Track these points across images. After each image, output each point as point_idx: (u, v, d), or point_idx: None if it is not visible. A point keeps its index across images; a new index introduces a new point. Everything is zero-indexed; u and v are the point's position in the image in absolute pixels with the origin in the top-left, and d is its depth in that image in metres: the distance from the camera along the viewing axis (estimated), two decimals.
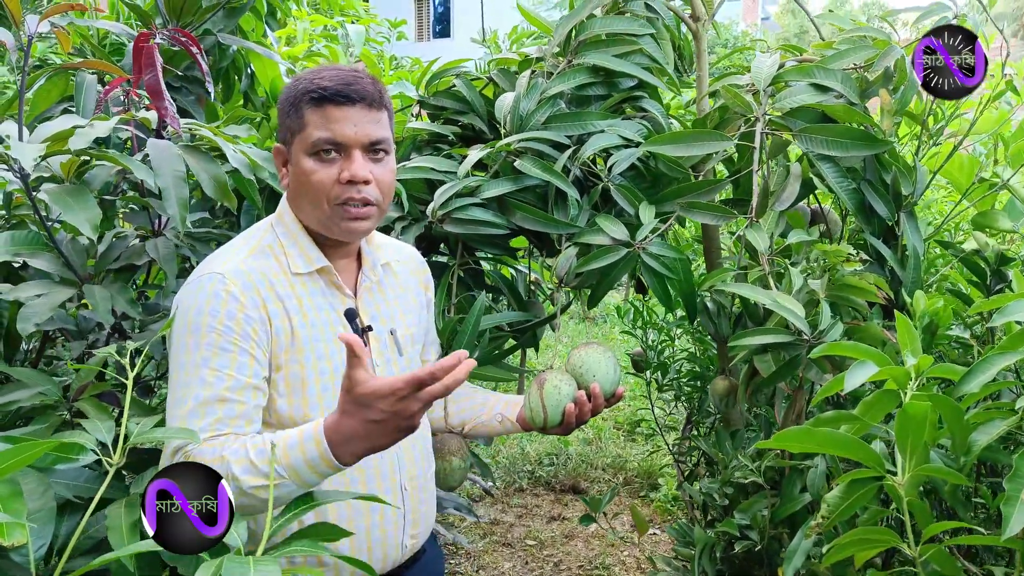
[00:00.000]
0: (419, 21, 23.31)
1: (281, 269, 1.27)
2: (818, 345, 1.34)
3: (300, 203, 1.29)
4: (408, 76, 3.10)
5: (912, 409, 0.97)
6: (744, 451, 1.60)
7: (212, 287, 1.20)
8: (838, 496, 1.10)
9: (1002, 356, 1.10)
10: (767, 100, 1.61)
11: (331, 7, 4.28)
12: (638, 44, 1.79)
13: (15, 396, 1.40)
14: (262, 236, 1.31)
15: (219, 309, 1.19)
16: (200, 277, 1.23)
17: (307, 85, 1.24)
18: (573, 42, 1.83)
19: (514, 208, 1.66)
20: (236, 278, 1.21)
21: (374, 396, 1.01)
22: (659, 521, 3.72)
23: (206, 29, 1.82)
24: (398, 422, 1.03)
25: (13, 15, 1.21)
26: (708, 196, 1.64)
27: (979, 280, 1.83)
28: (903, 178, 1.64)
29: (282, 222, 1.31)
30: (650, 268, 1.58)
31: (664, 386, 2.57)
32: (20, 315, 1.35)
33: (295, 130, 1.25)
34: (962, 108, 1.98)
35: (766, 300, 1.38)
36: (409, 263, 1.49)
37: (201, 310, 1.19)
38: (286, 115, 1.27)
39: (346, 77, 1.24)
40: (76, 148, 1.22)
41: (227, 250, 1.29)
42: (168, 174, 1.32)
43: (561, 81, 1.75)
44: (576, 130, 1.72)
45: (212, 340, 1.18)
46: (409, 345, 1.41)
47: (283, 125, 1.28)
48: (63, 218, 1.28)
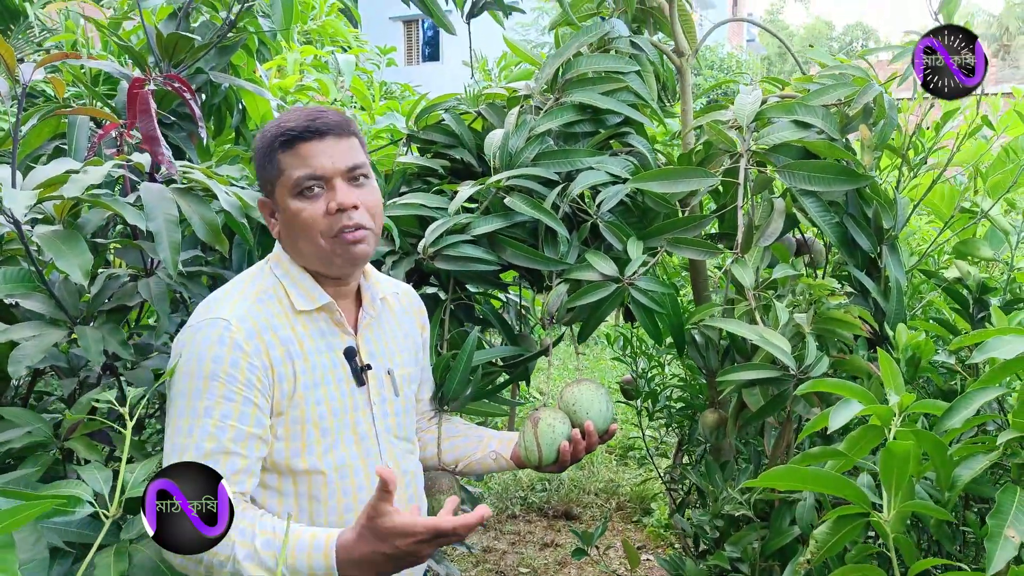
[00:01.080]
0: (408, 45, 23.48)
1: (283, 311, 1.28)
2: (804, 380, 1.36)
3: (296, 246, 1.30)
4: (397, 106, 3.13)
5: (896, 448, 0.99)
6: (734, 483, 1.62)
7: (217, 333, 1.20)
8: (826, 532, 1.12)
9: (983, 391, 1.13)
10: (750, 136, 1.64)
11: (321, 36, 4.32)
12: (624, 81, 1.82)
13: (6, 436, 1.40)
14: (263, 280, 1.31)
15: (223, 356, 1.19)
16: (204, 322, 1.22)
17: (275, 131, 1.27)
18: (560, 79, 1.86)
19: (504, 245, 1.68)
20: (241, 324, 1.22)
21: (393, 533, 1.06)
22: (652, 547, 3.71)
23: (198, 68, 1.84)
24: (409, 560, 1.09)
25: (7, 64, 1.23)
26: (694, 231, 1.66)
27: (962, 308, 1.87)
28: (884, 212, 1.67)
29: (280, 265, 1.32)
30: (639, 303, 1.60)
31: (655, 414, 2.58)
32: (12, 357, 1.35)
33: (274, 178, 1.28)
34: (942, 139, 2.03)
35: (753, 336, 1.40)
36: (406, 301, 1.51)
37: (204, 357, 1.19)
38: (263, 167, 1.30)
39: (309, 114, 1.27)
40: (70, 195, 1.23)
41: (229, 294, 1.29)
42: (160, 217, 1.33)
43: (549, 119, 1.78)
44: (565, 167, 1.75)
45: (216, 388, 1.18)
46: (406, 385, 1.42)
47: (262, 178, 1.31)
48: (56, 264, 1.28)
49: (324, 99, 2.83)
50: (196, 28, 1.94)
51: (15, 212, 1.21)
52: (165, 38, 1.72)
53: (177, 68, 1.76)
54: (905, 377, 1.48)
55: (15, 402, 1.70)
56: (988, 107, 1.98)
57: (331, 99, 2.84)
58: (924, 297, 2.22)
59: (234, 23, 1.83)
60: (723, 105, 1.86)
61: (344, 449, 1.29)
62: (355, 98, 3.07)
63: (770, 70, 23.45)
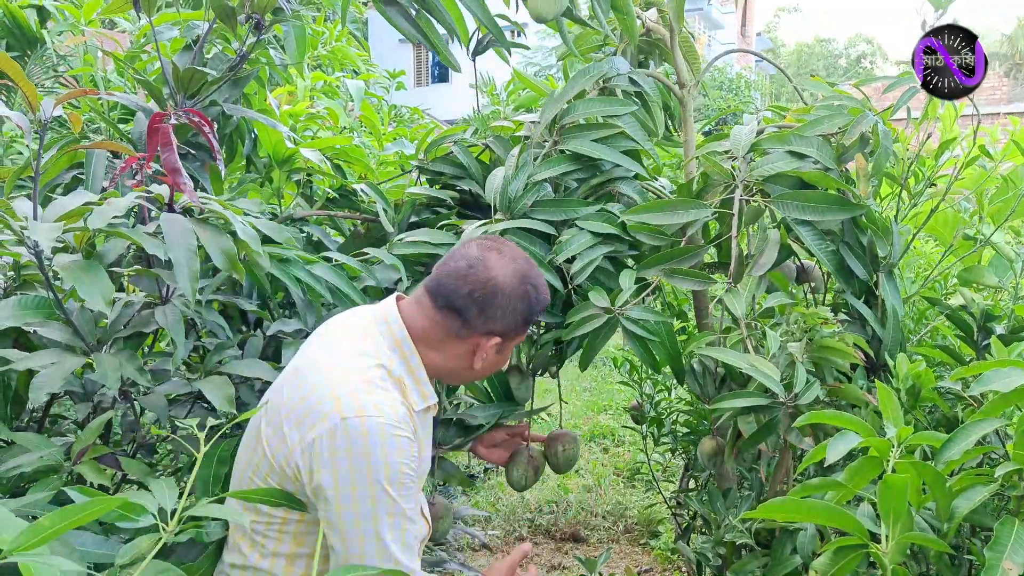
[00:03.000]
0: (417, 67, 23.71)
1: (407, 405, 1.33)
2: (794, 407, 1.38)
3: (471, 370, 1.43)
4: (406, 132, 3.18)
5: (893, 480, 1.00)
6: (736, 510, 1.63)
7: (396, 435, 1.25)
8: (826, 563, 1.13)
9: (981, 423, 1.14)
10: (745, 167, 1.67)
11: (332, 61, 4.39)
12: (619, 127, 1.85)
13: (19, 461, 1.42)
14: (392, 365, 1.35)
15: (408, 456, 1.26)
16: (369, 426, 1.23)
17: (543, 301, 1.43)
18: (558, 123, 1.90)
19: None
20: (405, 423, 1.28)
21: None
22: (660, 570, 3.70)
23: (212, 100, 1.88)
24: None
25: (30, 101, 1.27)
26: (690, 261, 1.69)
27: (966, 335, 1.88)
28: (879, 240, 1.70)
29: (403, 359, 1.37)
30: (631, 333, 1.63)
31: (660, 439, 2.59)
32: (32, 384, 1.38)
33: (512, 333, 1.41)
34: (943, 166, 2.05)
35: (742, 364, 1.43)
36: None
37: (396, 462, 1.24)
38: (524, 323, 1.41)
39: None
40: (95, 227, 1.27)
41: (370, 386, 1.29)
42: (181, 248, 1.35)
43: (546, 168, 1.83)
44: (559, 215, 1.80)
45: (408, 486, 1.26)
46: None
47: (517, 328, 1.41)
48: (77, 293, 1.31)
49: (333, 127, 2.88)
50: (209, 60, 1.99)
51: (41, 243, 1.24)
52: (181, 72, 1.77)
53: (191, 100, 1.81)
54: (905, 406, 1.49)
55: (30, 425, 1.73)
56: (986, 135, 2.00)
57: (340, 127, 2.89)
58: (930, 323, 2.23)
59: (247, 55, 1.87)
60: (723, 135, 1.89)
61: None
62: (364, 124, 3.12)
63: (780, 90, 23.51)
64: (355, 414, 1.23)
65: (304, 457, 1.25)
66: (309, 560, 1.33)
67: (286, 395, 1.32)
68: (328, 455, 1.22)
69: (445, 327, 1.37)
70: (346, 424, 1.22)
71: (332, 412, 1.23)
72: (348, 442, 1.22)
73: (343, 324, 1.43)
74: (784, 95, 21.56)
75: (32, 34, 3.66)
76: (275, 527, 1.32)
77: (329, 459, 1.22)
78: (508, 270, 1.37)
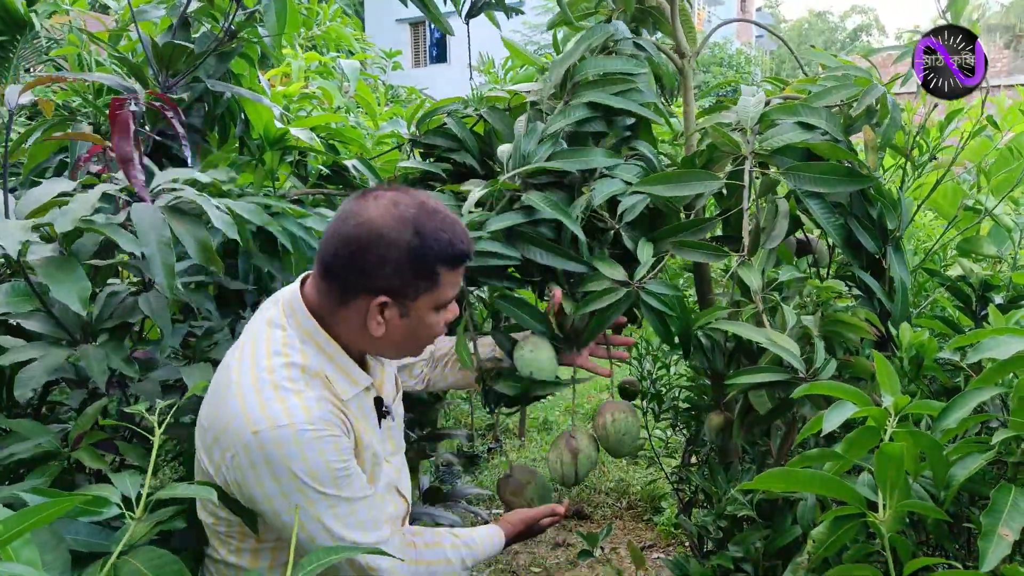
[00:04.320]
0: (415, 47, 23.53)
1: (331, 394, 1.26)
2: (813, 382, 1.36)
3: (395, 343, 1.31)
4: (402, 112, 3.14)
5: (889, 449, 0.99)
6: (737, 483, 1.62)
7: (314, 437, 1.19)
8: (823, 532, 1.12)
9: (979, 391, 1.13)
10: (754, 139, 1.64)
11: (327, 42, 4.34)
12: (633, 82, 1.80)
13: (15, 448, 1.41)
14: (305, 361, 1.25)
15: (334, 452, 1.21)
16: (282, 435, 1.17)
17: (445, 250, 1.24)
18: (569, 83, 1.85)
19: (529, 242, 1.65)
20: (326, 421, 1.21)
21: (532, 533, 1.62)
22: (663, 545, 3.71)
23: (196, 76, 1.85)
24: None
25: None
26: (699, 234, 1.66)
27: (965, 306, 1.86)
28: (888, 212, 1.67)
29: (313, 343, 1.28)
30: (650, 306, 1.60)
31: (660, 415, 2.59)
32: (17, 381, 1.35)
33: (425, 290, 1.26)
34: (947, 137, 2.02)
35: (761, 339, 1.40)
36: None
37: (321, 463, 1.19)
38: (414, 274, 1.24)
39: (467, 236, 1.30)
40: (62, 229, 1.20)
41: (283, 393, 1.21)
42: (152, 240, 1.28)
43: (562, 118, 1.75)
44: (581, 165, 1.71)
45: (344, 477, 1.23)
46: (397, 406, 1.51)
47: (404, 282, 1.24)
48: (52, 294, 1.24)
49: (328, 107, 2.85)
50: (196, 39, 1.95)
51: (7, 248, 1.17)
52: (161, 48, 1.73)
53: (175, 78, 1.78)
54: (908, 376, 1.48)
55: (28, 413, 1.73)
56: (993, 106, 1.97)
57: (335, 106, 2.85)
58: (930, 295, 2.21)
59: (232, 32, 1.84)
60: (726, 106, 1.86)
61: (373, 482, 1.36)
62: (359, 104, 3.09)
63: (780, 66, 23.30)
64: (265, 426, 1.17)
65: (229, 473, 1.21)
66: (272, 551, 1.31)
67: (204, 413, 1.27)
68: (250, 471, 1.18)
69: (330, 296, 1.27)
70: (258, 438, 1.16)
71: (242, 428, 1.17)
72: (264, 456, 1.17)
73: (258, 321, 1.33)
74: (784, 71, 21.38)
75: (20, 17, 3.62)
76: (235, 527, 1.29)
77: (252, 475, 1.18)
78: (385, 218, 1.22)
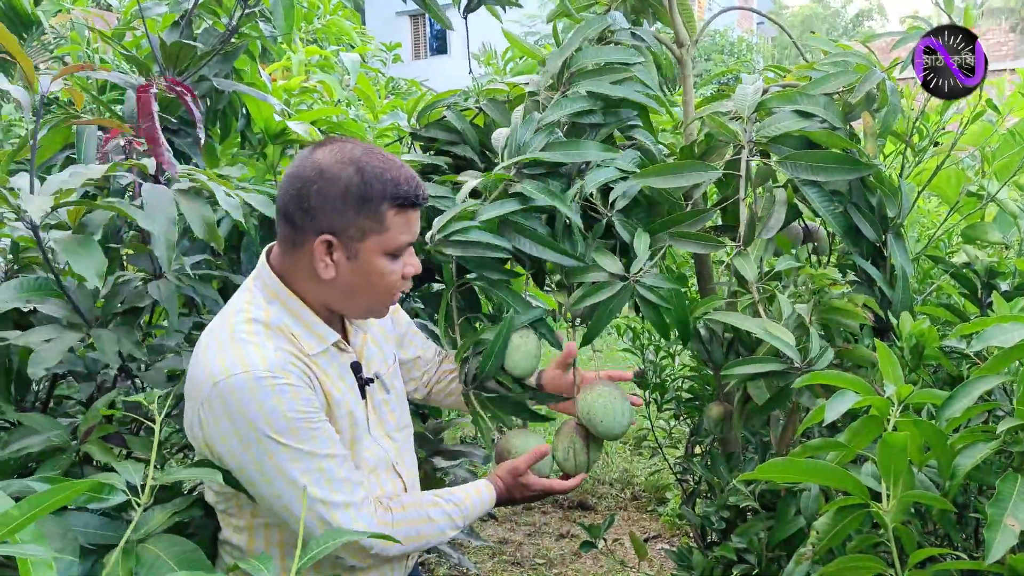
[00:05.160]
0: (415, 39, 23.43)
1: (297, 351, 1.26)
2: (808, 372, 1.36)
3: (347, 293, 1.29)
4: (402, 105, 3.14)
5: (892, 439, 0.99)
6: (740, 473, 1.62)
7: (269, 385, 1.18)
8: (827, 523, 1.12)
9: (983, 380, 1.13)
10: (751, 127, 1.64)
11: (327, 35, 4.34)
12: (631, 71, 1.80)
13: (26, 442, 1.43)
14: (268, 317, 1.27)
15: (293, 401, 1.19)
16: (238, 383, 1.18)
17: (389, 188, 1.24)
18: (566, 73, 1.85)
19: (520, 233, 1.64)
20: (283, 370, 1.21)
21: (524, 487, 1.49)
22: (667, 536, 3.73)
23: (201, 75, 1.86)
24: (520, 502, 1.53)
25: (28, 78, 1.26)
26: (697, 225, 1.66)
27: (970, 293, 1.86)
28: (889, 200, 1.67)
29: (278, 302, 1.29)
30: (646, 300, 1.60)
31: (664, 405, 2.59)
32: (31, 360, 1.39)
33: (372, 231, 1.25)
34: (947, 122, 2.01)
35: (756, 329, 1.41)
36: None
37: (277, 411, 1.18)
38: (356, 212, 1.24)
39: (416, 180, 1.28)
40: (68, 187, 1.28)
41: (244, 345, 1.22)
42: (160, 217, 1.35)
43: (558, 108, 1.75)
44: (576, 157, 1.71)
45: (307, 430, 1.21)
46: (392, 380, 1.48)
47: (347, 222, 1.24)
48: (71, 268, 1.32)
49: (329, 100, 2.85)
50: (199, 35, 1.96)
51: (32, 216, 1.24)
52: (168, 46, 1.74)
53: (181, 76, 1.79)
54: (910, 365, 1.48)
55: (36, 406, 1.74)
56: (993, 89, 1.97)
57: (335, 100, 2.86)
58: (934, 282, 2.21)
59: (236, 29, 1.85)
60: (726, 95, 1.85)
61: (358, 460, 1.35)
62: (360, 98, 3.09)
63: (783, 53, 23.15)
64: (222, 376, 1.18)
65: (199, 430, 1.23)
66: (265, 529, 1.31)
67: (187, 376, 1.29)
68: (212, 423, 1.20)
69: (284, 244, 1.29)
70: (217, 388, 1.18)
71: (205, 380, 1.20)
72: (223, 405, 1.18)
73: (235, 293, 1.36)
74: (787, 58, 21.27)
75: (27, 15, 3.63)
76: (231, 500, 1.30)
77: (214, 427, 1.20)
78: (332, 158, 1.24)
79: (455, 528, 1.39)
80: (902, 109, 1.76)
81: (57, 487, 0.79)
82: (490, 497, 1.45)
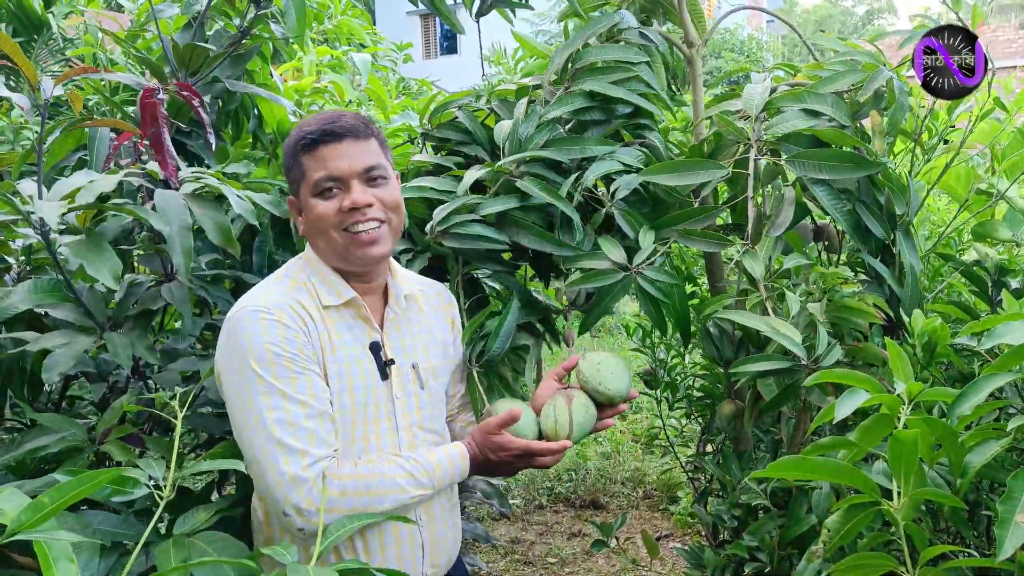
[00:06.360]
0: (426, 39, 23.47)
1: (314, 304, 1.35)
2: (816, 370, 1.36)
3: (316, 242, 1.39)
4: (413, 104, 3.16)
5: (903, 436, 1.00)
6: (751, 471, 1.62)
7: (262, 320, 1.27)
8: (838, 521, 1.13)
9: (994, 377, 1.13)
10: (760, 126, 1.64)
11: (338, 36, 4.35)
12: (634, 71, 1.81)
13: (42, 441, 1.45)
14: (296, 273, 1.39)
15: (279, 337, 1.26)
16: (243, 313, 1.29)
17: (297, 135, 1.36)
18: (570, 70, 1.86)
19: (518, 227, 1.66)
20: (279, 309, 1.29)
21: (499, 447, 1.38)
22: (679, 535, 3.72)
23: (214, 76, 1.87)
24: (503, 469, 1.41)
25: (30, 81, 1.27)
26: (705, 223, 1.66)
27: (980, 291, 1.85)
28: (897, 198, 1.66)
29: (310, 263, 1.40)
30: (645, 293, 1.60)
31: (675, 404, 2.59)
32: (45, 365, 1.41)
33: (298, 179, 1.37)
34: (956, 120, 2.01)
35: (763, 327, 1.41)
36: (435, 299, 1.55)
37: (260, 343, 1.25)
38: (289, 169, 1.39)
39: (328, 118, 1.35)
40: (82, 202, 1.28)
41: (263, 288, 1.36)
42: (175, 223, 1.38)
43: (559, 105, 1.76)
44: (575, 154, 1.73)
45: (285, 366, 1.25)
46: (431, 378, 1.47)
47: (290, 179, 1.40)
48: (85, 270, 1.34)
49: (339, 100, 2.86)
50: (211, 36, 1.98)
51: (47, 220, 1.26)
52: (181, 49, 1.76)
53: (193, 77, 1.80)
54: (921, 363, 1.48)
55: (48, 407, 1.76)
56: (1001, 88, 1.96)
57: (346, 100, 2.87)
58: (945, 279, 2.20)
59: (248, 31, 1.86)
60: (736, 94, 1.86)
61: (364, 441, 1.35)
62: (370, 98, 3.10)
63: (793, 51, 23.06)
64: (234, 311, 1.31)
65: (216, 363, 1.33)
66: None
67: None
68: (220, 352, 1.31)
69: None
70: (229, 321, 1.30)
71: (228, 315, 1.32)
72: (227, 335, 1.30)
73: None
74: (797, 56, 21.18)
75: (38, 18, 3.66)
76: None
77: (220, 355, 1.31)
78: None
79: (419, 486, 1.32)
80: (911, 107, 1.75)
81: (83, 475, 0.81)
82: (460, 455, 1.38)
